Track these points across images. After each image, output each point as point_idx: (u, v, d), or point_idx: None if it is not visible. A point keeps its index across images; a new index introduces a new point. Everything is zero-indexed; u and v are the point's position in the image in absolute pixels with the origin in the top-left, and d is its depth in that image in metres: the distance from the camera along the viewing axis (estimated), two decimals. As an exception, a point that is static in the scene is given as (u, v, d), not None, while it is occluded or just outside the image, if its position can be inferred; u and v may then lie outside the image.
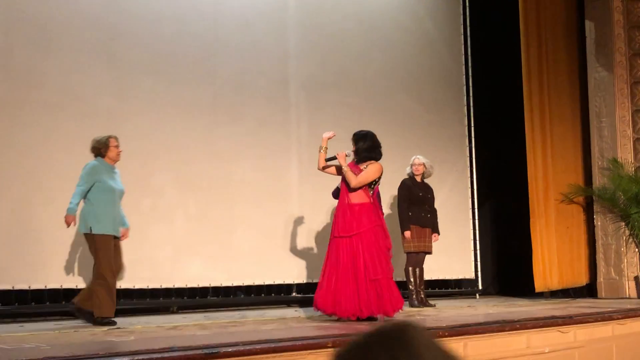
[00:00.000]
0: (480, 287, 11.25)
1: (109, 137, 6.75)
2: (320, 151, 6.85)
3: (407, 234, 8.53)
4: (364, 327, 5.85)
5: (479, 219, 11.46)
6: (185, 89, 8.45)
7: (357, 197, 6.73)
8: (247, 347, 4.58)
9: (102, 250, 6.53)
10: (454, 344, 5.68)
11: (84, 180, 6.55)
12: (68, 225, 6.51)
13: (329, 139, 6.87)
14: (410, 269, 8.61)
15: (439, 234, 8.89)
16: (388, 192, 9.16)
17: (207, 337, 5.09)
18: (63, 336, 5.31)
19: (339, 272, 6.54)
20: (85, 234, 6.60)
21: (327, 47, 9.78)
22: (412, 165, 8.84)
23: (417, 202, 8.72)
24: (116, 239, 6.68)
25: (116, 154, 6.75)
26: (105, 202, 6.59)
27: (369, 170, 6.75)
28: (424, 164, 8.83)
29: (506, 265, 12.11)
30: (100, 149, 6.71)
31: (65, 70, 7.61)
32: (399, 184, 8.88)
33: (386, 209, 9.75)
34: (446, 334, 5.65)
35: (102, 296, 6.47)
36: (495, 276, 12.25)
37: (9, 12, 7.33)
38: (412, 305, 8.46)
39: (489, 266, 12.01)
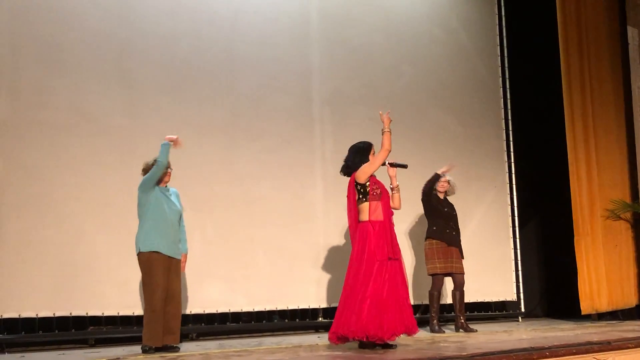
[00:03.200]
0: (522, 310, 10.67)
1: None
2: (387, 131, 6.39)
3: None
4: (378, 356, 5.46)
5: (520, 238, 10.93)
6: (202, 107, 8.18)
7: None
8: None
9: (146, 270, 6.29)
10: (474, 374, 5.24)
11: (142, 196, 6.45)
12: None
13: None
14: (435, 293, 8.15)
15: (463, 257, 8.36)
16: (415, 208, 8.74)
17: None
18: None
19: (401, 294, 6.11)
20: (137, 255, 6.39)
21: (353, 61, 9.42)
22: None
23: (442, 216, 8.27)
24: (171, 259, 6.42)
25: (164, 175, 6.53)
26: (153, 221, 6.37)
27: None
28: (448, 181, 8.37)
29: (552, 286, 11.55)
30: (148, 170, 6.51)
31: (75, 89, 7.40)
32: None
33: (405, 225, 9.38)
34: (464, 363, 5.20)
35: (145, 323, 6.29)
36: (542, 298, 11.69)
37: (16, 31, 7.15)
38: (432, 331, 8.00)
39: (534, 287, 11.49)
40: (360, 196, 6.23)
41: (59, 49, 7.38)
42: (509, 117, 10.93)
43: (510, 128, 10.91)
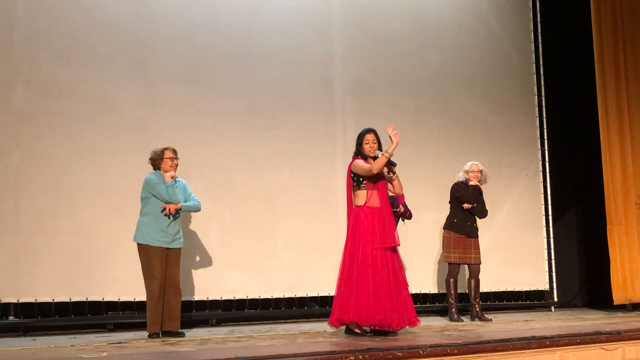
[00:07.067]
0: (555, 299, 10.49)
1: (165, 149, 6.71)
2: (384, 157, 6.07)
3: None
4: (370, 342, 5.43)
5: (557, 227, 10.77)
6: (220, 96, 8.24)
7: None
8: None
9: (144, 259, 6.47)
10: (467, 364, 5.18)
11: (144, 192, 6.61)
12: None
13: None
14: (451, 280, 8.07)
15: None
16: (443, 197, 8.63)
17: (167, 355, 4.82)
18: (28, 354, 5.12)
19: (398, 283, 6.09)
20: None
21: (376, 49, 9.37)
22: (468, 172, 8.22)
23: (466, 210, 8.15)
24: (169, 250, 6.56)
25: (169, 166, 6.66)
26: (153, 215, 6.52)
27: None
28: (481, 171, 8.22)
29: (591, 276, 11.33)
30: (155, 160, 6.67)
31: (90, 80, 7.50)
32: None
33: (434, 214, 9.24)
34: (455, 351, 5.14)
35: (147, 310, 6.47)
36: (581, 288, 11.47)
37: (31, 24, 7.29)
38: (451, 320, 7.94)
39: (573, 277, 11.27)
40: (355, 184, 6.24)
41: (73, 40, 7.48)
42: (543, 105, 10.74)
43: (544, 115, 10.72)
